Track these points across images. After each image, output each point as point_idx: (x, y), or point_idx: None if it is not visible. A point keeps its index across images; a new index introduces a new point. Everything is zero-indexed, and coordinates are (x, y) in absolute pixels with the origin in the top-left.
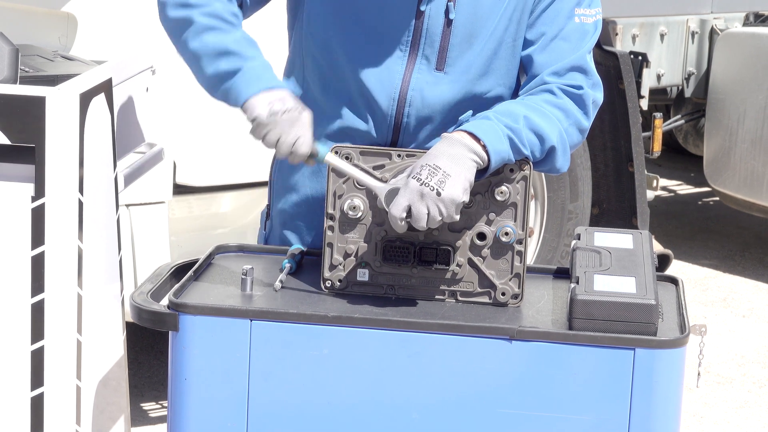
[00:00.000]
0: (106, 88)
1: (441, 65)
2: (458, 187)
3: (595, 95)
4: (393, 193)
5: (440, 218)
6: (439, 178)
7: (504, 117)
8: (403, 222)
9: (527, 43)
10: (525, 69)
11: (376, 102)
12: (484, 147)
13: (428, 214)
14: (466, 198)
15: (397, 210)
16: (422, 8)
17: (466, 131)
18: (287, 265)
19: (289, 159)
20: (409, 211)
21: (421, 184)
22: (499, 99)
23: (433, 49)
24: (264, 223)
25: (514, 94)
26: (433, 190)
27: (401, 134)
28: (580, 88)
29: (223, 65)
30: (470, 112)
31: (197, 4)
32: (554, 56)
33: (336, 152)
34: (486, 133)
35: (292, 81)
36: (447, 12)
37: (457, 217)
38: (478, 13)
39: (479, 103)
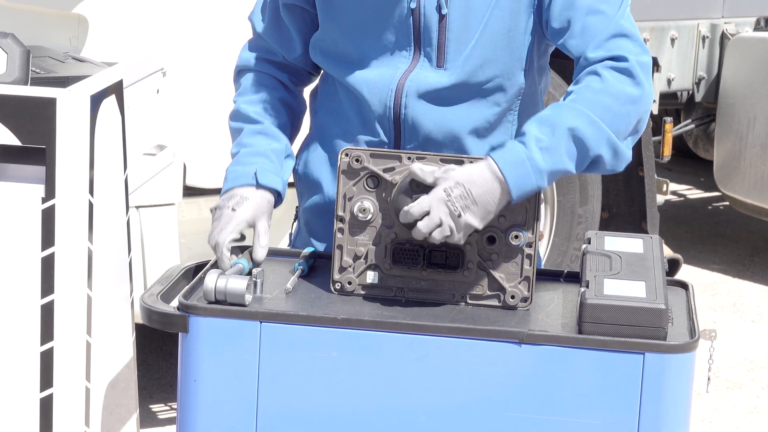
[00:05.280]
0: (116, 89)
1: (441, 62)
2: (477, 217)
3: (641, 59)
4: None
5: (448, 235)
6: (466, 203)
7: (544, 144)
8: (414, 222)
9: (558, 33)
10: (570, 56)
11: (376, 96)
12: (508, 186)
13: (439, 226)
14: (480, 226)
15: (416, 209)
16: (412, 6)
17: (496, 163)
18: (299, 268)
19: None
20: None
21: (448, 200)
22: (498, 90)
23: (432, 46)
24: (292, 223)
25: (519, 86)
26: (456, 210)
27: (402, 128)
28: (624, 59)
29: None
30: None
31: (236, 100)
32: (589, 34)
33: (346, 154)
34: (511, 169)
35: (325, 86)
36: (439, 8)
37: (462, 242)
38: (471, 6)
39: (476, 93)
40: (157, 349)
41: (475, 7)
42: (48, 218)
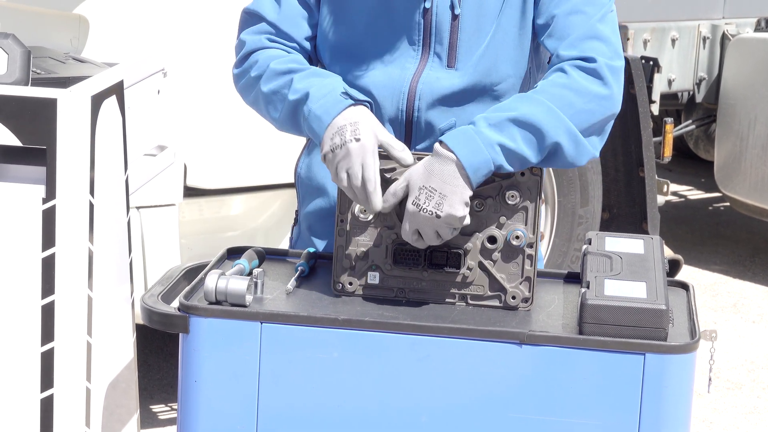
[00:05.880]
0: (117, 90)
1: (452, 62)
2: (455, 206)
3: (611, 62)
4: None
5: (450, 235)
6: (436, 201)
7: (493, 121)
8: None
9: (542, 29)
10: (549, 53)
11: (388, 99)
12: (461, 162)
13: (420, 236)
14: (466, 211)
15: (406, 235)
16: (427, 5)
17: (443, 142)
18: (300, 269)
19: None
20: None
21: (420, 210)
22: (510, 90)
23: (443, 46)
24: (292, 227)
25: (526, 84)
26: (432, 214)
27: (414, 130)
28: (593, 60)
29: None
30: (453, 119)
31: (266, 66)
32: (566, 33)
33: None
34: (460, 145)
35: None
36: (452, 7)
37: (467, 222)
38: (483, 6)
39: (489, 94)
40: (158, 349)
41: (487, 7)
42: (48, 219)
